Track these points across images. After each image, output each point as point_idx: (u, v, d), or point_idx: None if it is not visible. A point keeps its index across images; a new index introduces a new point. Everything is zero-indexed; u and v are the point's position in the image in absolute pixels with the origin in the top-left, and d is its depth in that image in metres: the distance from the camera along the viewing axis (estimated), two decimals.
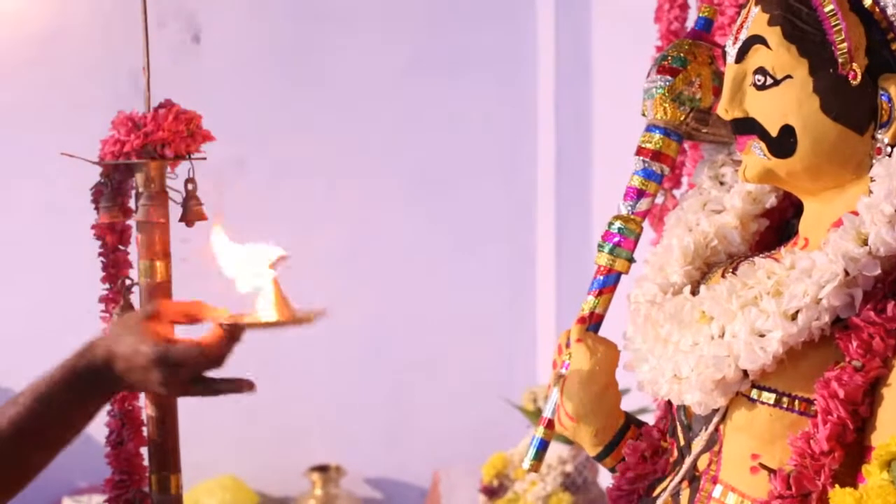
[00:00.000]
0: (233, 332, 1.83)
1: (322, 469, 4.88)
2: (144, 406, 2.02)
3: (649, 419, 1.95)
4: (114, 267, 2.03)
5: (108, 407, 2.08)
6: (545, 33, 4.84)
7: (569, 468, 3.63)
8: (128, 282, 2.03)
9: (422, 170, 4.93)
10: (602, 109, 4.65)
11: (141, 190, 1.96)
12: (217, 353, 1.83)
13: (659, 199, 2.30)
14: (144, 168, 1.94)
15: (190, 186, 1.98)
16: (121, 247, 2.03)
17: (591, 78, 4.73)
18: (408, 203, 4.93)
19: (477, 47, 4.94)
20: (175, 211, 1.98)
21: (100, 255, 2.04)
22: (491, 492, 3.77)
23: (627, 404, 1.91)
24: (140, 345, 1.77)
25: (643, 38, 2.87)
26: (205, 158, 1.97)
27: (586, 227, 4.72)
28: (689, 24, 2.42)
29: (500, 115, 4.97)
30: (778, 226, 1.81)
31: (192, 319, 1.88)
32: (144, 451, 2.08)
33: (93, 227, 2.03)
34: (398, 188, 4.93)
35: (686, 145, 2.32)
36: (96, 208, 2.01)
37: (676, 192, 2.38)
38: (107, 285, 2.04)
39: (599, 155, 4.69)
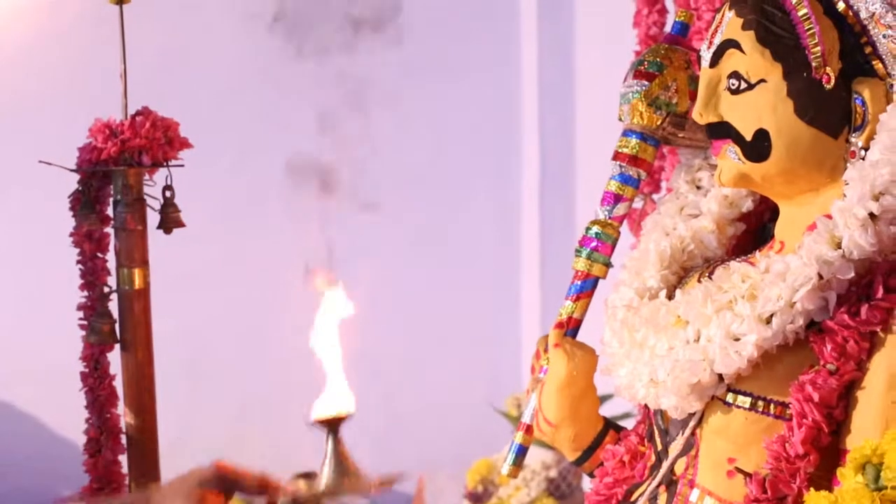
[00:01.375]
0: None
1: (307, 476, 4.86)
2: (123, 414, 2.02)
3: (630, 424, 1.95)
4: (92, 274, 2.04)
5: (86, 415, 2.08)
6: (528, 39, 4.84)
7: (553, 474, 3.63)
8: (106, 289, 2.03)
9: (405, 176, 4.92)
10: (585, 116, 4.66)
11: (119, 197, 1.96)
12: None
13: (638, 204, 2.31)
14: (122, 175, 1.94)
15: (168, 194, 1.98)
16: (99, 254, 2.04)
17: (574, 83, 4.73)
18: (392, 210, 4.92)
19: (461, 54, 4.94)
20: (153, 218, 1.98)
21: (78, 262, 2.04)
22: (476, 497, 3.77)
23: (610, 410, 1.92)
24: None
25: (626, 44, 2.87)
26: (182, 165, 1.97)
27: (570, 233, 4.71)
28: (668, 28, 2.42)
29: (484, 121, 4.97)
30: (754, 230, 1.81)
31: (254, 492, 1.76)
32: (123, 459, 2.08)
33: (71, 234, 2.03)
34: (382, 195, 4.92)
35: (666, 150, 2.33)
36: (74, 216, 2.01)
37: (655, 197, 2.38)
38: (85, 293, 2.04)
39: (583, 161, 4.69)
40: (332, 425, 1.91)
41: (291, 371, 4.84)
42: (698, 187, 1.83)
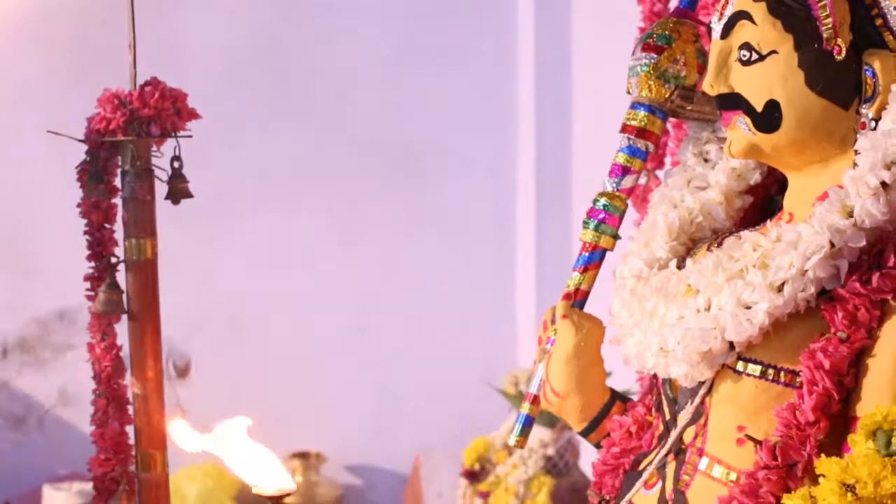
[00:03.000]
0: None
1: (302, 456, 4.87)
2: (130, 384, 2.03)
3: (631, 397, 1.96)
4: (99, 245, 2.04)
5: (93, 386, 2.08)
6: (525, 26, 4.85)
7: (550, 451, 3.65)
8: (113, 259, 2.03)
9: (403, 162, 4.94)
10: (582, 101, 4.67)
11: (127, 168, 1.97)
12: None
13: (642, 180, 2.31)
14: (130, 146, 1.94)
15: (176, 164, 1.98)
16: (106, 224, 2.04)
17: (571, 70, 4.75)
18: (390, 192, 4.94)
19: (457, 41, 4.96)
20: (161, 189, 1.98)
21: (85, 233, 2.04)
22: (472, 475, 3.78)
23: (610, 385, 1.92)
24: None
25: (623, 31, 2.88)
26: (191, 136, 1.97)
27: (565, 215, 4.73)
28: (671, 5, 2.42)
29: (481, 107, 4.99)
30: (762, 202, 1.82)
31: None
32: (130, 430, 2.08)
33: (78, 205, 2.03)
34: (381, 178, 4.94)
35: (668, 126, 2.33)
36: (82, 186, 2.01)
37: (659, 173, 2.38)
38: (92, 263, 2.04)
39: (579, 143, 4.71)
40: (276, 501, 2.11)
41: (289, 344, 4.87)
42: (706, 160, 1.84)
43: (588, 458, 3.52)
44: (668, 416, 1.72)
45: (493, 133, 5.00)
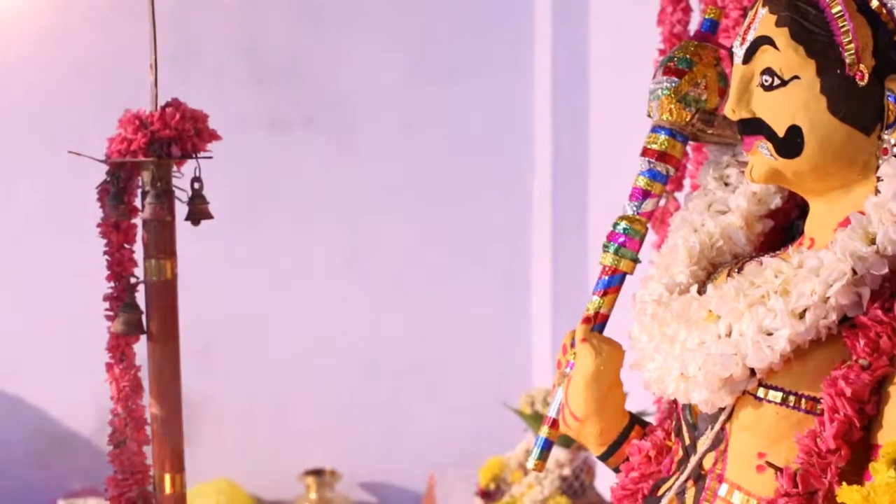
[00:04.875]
0: None
1: (317, 473, 4.88)
2: (149, 405, 2.03)
3: (650, 422, 1.96)
4: (119, 265, 2.04)
5: (110, 405, 2.08)
6: (542, 41, 4.86)
7: (566, 472, 3.64)
8: (133, 280, 2.03)
9: (419, 177, 4.95)
10: (598, 117, 4.67)
11: (147, 188, 1.97)
12: None
13: (661, 202, 2.31)
14: (151, 166, 1.95)
15: (196, 185, 1.98)
16: (126, 245, 2.04)
17: (588, 86, 4.74)
18: (405, 209, 4.94)
19: (474, 56, 4.96)
20: (181, 210, 1.98)
21: (105, 253, 2.04)
22: (487, 495, 3.77)
23: (627, 407, 1.92)
24: None
25: (640, 46, 2.88)
26: (211, 157, 1.97)
27: (582, 232, 4.73)
28: (692, 27, 2.42)
29: (497, 123, 4.99)
30: (783, 227, 1.82)
31: None
32: (147, 450, 2.08)
33: (98, 225, 2.04)
34: (396, 195, 4.94)
35: (688, 148, 2.33)
36: (102, 207, 2.01)
37: (678, 195, 2.38)
38: (112, 283, 2.04)
39: (595, 162, 4.70)
40: None
41: (304, 361, 4.87)
42: (726, 184, 1.83)
43: (604, 478, 3.52)
44: (687, 442, 1.72)
45: (509, 151, 5.00)
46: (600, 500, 3.67)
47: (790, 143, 1.61)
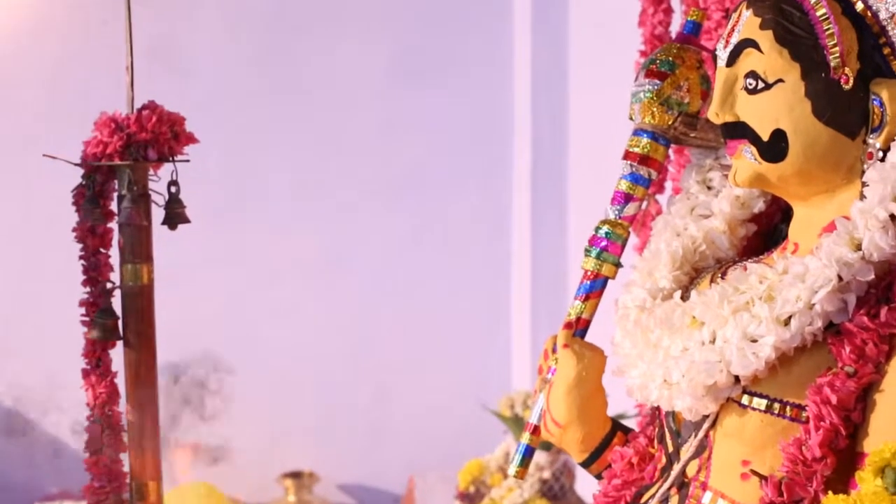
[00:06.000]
0: None
1: (295, 475, 4.85)
2: (125, 412, 2.01)
3: (629, 424, 1.94)
4: (95, 270, 2.02)
5: (87, 412, 2.06)
6: (522, 40, 4.84)
7: (546, 475, 3.62)
8: (109, 285, 2.01)
9: (397, 178, 4.93)
10: (578, 117, 4.66)
11: (123, 192, 1.95)
12: None
13: (643, 206, 2.30)
14: (127, 170, 1.93)
15: (173, 189, 1.96)
16: (102, 250, 2.02)
17: (568, 84, 4.73)
18: (385, 210, 4.92)
19: (454, 54, 4.94)
20: (158, 214, 1.96)
21: (81, 258, 2.02)
22: (467, 498, 3.76)
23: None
24: None
25: (619, 44, 2.87)
26: (188, 160, 1.95)
27: (561, 233, 4.72)
28: (673, 28, 2.41)
29: (476, 122, 4.97)
30: (765, 231, 1.81)
31: None
32: (124, 457, 2.06)
33: (74, 229, 2.01)
34: (376, 195, 4.92)
35: (669, 151, 2.31)
36: (77, 211, 1.99)
37: (659, 197, 2.37)
38: (88, 289, 2.02)
39: (575, 161, 4.69)
40: None
41: (283, 363, 4.85)
42: (709, 188, 1.82)
43: (584, 481, 3.50)
44: (670, 449, 1.70)
45: (488, 153, 4.98)
46: (580, 503, 3.66)
47: (774, 147, 1.60)
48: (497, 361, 4.97)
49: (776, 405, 1.55)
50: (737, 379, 1.55)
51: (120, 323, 2.02)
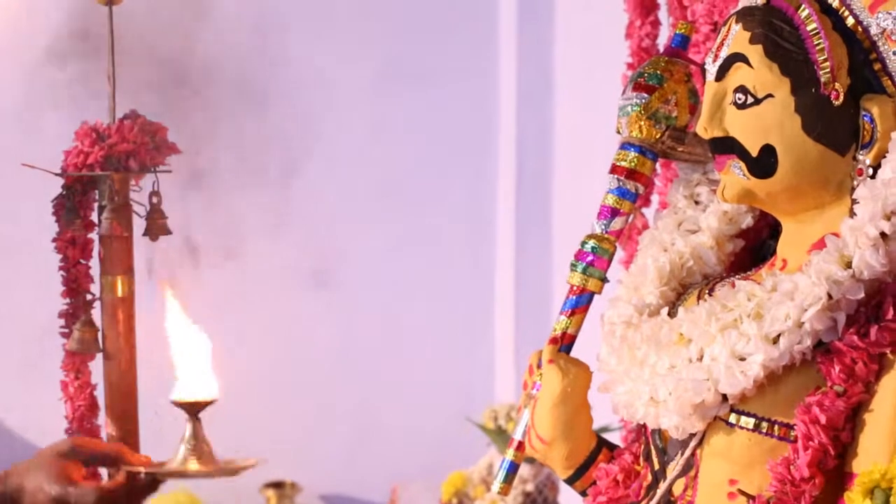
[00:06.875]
0: (149, 483, 1.89)
1: (277, 485, 4.83)
2: (104, 425, 1.99)
3: (612, 437, 1.93)
4: (75, 281, 2.00)
5: (65, 425, 2.04)
6: (507, 50, 4.83)
7: (529, 488, 3.61)
8: (89, 296, 1.99)
9: (380, 188, 4.91)
10: (564, 130, 4.65)
11: (104, 203, 1.93)
12: (118, 501, 1.82)
13: (630, 220, 2.28)
14: (108, 180, 1.91)
15: (154, 200, 1.95)
16: (82, 261, 2.00)
17: (553, 97, 4.72)
18: (368, 222, 4.90)
19: (438, 64, 4.93)
20: (139, 225, 1.95)
21: (60, 269, 2.00)
22: None
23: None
24: (44, 483, 1.78)
25: (606, 54, 2.85)
26: (170, 171, 1.94)
27: (546, 244, 4.70)
28: (661, 41, 2.39)
29: (460, 134, 4.95)
30: (753, 246, 1.79)
31: (111, 463, 1.89)
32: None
33: (54, 240, 2.00)
34: (358, 207, 4.90)
35: (657, 165, 2.30)
36: (58, 221, 1.97)
37: (646, 212, 2.35)
38: (68, 300, 2.01)
39: (560, 172, 4.68)
40: (192, 409, 2.08)
41: (264, 373, 4.82)
42: (697, 202, 1.80)
43: (567, 494, 3.48)
44: (656, 467, 1.69)
45: (472, 164, 4.97)
46: None
47: (763, 163, 1.58)
48: (481, 374, 4.95)
49: (764, 424, 1.53)
50: (724, 397, 1.53)
51: (100, 335, 2.00)
